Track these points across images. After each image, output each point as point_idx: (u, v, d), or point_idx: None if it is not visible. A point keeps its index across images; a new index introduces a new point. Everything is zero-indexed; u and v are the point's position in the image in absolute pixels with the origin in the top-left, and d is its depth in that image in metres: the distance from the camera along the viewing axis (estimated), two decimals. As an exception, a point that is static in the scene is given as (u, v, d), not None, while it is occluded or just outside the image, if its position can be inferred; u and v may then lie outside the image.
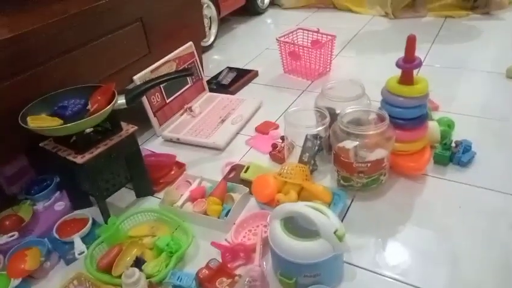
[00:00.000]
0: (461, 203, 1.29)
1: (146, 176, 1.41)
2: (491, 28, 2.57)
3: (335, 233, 0.96)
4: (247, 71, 2.23)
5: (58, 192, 1.41)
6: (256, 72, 2.24)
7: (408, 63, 1.30)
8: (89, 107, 1.27)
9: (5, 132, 1.20)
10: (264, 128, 1.73)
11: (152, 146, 1.70)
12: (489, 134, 1.58)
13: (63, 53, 1.35)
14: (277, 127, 1.73)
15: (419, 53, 1.30)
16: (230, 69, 2.25)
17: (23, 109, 1.20)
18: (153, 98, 1.73)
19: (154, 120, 1.73)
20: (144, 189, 1.43)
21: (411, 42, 1.28)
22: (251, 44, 2.74)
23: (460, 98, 1.81)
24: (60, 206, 1.36)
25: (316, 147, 1.46)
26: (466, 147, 1.42)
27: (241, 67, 2.30)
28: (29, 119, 1.19)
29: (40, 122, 1.20)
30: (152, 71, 1.71)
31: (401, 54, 1.30)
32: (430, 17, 2.80)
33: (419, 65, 1.29)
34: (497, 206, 1.26)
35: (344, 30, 2.75)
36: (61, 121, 1.22)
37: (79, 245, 1.18)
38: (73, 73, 1.39)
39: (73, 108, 1.27)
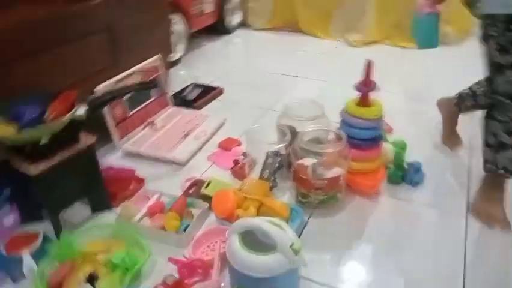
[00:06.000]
0: (411, 219, 1.36)
1: (103, 190, 1.37)
2: (447, 57, 2.74)
3: (291, 246, 0.98)
4: (213, 88, 2.25)
5: (8, 206, 1.34)
6: (222, 89, 2.27)
7: (365, 87, 1.37)
8: (46, 115, 1.23)
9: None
10: (226, 145, 1.74)
11: (111, 159, 1.66)
12: (439, 156, 1.68)
13: (23, 56, 1.31)
14: (239, 144, 1.75)
15: (378, 78, 1.38)
16: (196, 85, 2.27)
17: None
18: (115, 110, 1.70)
19: (114, 133, 1.69)
20: (100, 204, 1.38)
21: (368, 67, 1.36)
22: (219, 62, 2.78)
23: (413, 123, 1.91)
24: (8, 220, 1.29)
25: (277, 164, 1.49)
26: (417, 168, 1.50)
27: (207, 84, 2.32)
28: (-21, 125, 1.14)
29: (-9, 129, 1.15)
30: (116, 83, 1.69)
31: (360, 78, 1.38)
32: (389, 46, 2.97)
33: (375, 88, 1.37)
34: (443, 222, 1.34)
35: (309, 53, 2.86)
36: (14, 129, 1.17)
37: (27, 262, 1.12)
38: (33, 79, 1.35)
39: (30, 115, 1.22)
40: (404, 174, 1.50)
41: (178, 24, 2.62)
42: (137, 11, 1.80)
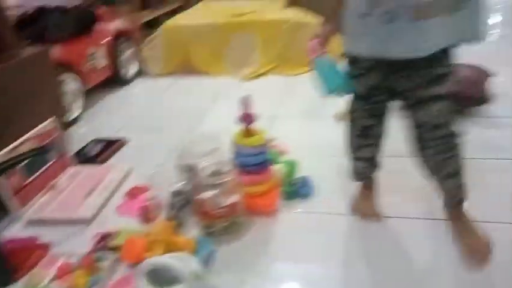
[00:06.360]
0: (310, 228, 1.54)
1: (4, 265, 1.34)
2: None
3: (192, 275, 1.08)
4: (115, 141, 2.29)
5: None
6: (124, 141, 2.32)
7: (245, 120, 1.56)
8: None
9: None
10: (133, 193, 1.80)
11: (13, 231, 1.62)
12: (329, 168, 1.87)
13: None
14: (146, 189, 1.81)
15: (269, 105, 1.55)
16: (97, 141, 2.29)
17: None
18: (11, 180, 1.67)
19: (13, 203, 1.65)
20: (4, 280, 1.35)
21: (244, 103, 1.56)
22: (120, 113, 2.83)
23: (308, 140, 2.14)
24: None
25: (182, 202, 1.60)
26: (304, 182, 1.71)
27: (110, 136, 2.35)
28: None
29: None
30: (8, 152, 1.66)
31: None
32: (279, 75, 3.28)
33: (252, 121, 1.56)
34: (339, 225, 1.53)
35: (206, 92, 3.06)
36: None
37: None
38: None
39: None
40: (296, 189, 1.69)
41: (71, 83, 2.63)
42: (21, 78, 1.82)
